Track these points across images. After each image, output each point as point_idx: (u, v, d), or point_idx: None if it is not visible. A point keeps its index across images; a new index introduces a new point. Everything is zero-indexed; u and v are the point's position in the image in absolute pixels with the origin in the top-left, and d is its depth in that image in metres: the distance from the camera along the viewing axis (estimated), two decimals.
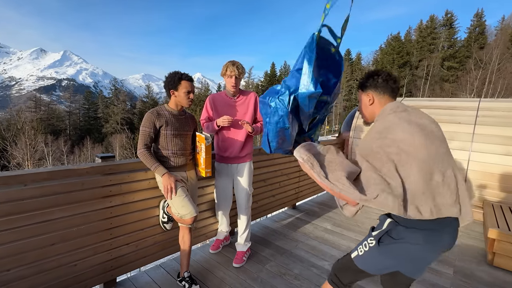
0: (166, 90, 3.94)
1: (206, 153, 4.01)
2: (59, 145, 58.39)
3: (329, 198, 8.52)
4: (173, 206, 3.82)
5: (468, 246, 5.84)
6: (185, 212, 3.76)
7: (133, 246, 4.02)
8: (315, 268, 4.72)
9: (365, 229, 6.39)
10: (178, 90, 3.85)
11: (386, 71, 2.66)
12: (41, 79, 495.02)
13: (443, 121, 7.51)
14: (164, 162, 3.90)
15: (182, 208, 3.77)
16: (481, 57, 70.78)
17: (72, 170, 3.34)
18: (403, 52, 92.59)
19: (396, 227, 2.41)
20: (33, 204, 3.05)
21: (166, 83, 3.88)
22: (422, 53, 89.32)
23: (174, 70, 3.93)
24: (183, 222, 3.89)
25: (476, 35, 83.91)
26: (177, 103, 3.96)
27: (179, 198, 3.76)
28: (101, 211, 3.63)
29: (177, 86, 3.83)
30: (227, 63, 4.49)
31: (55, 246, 3.26)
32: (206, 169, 4.08)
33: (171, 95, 3.91)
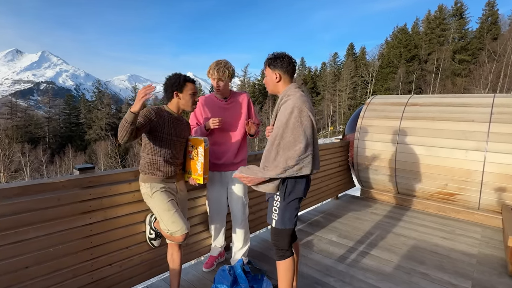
0: (168, 92, 3.88)
1: (205, 157, 3.96)
2: (37, 155, 58.43)
3: (334, 207, 8.47)
4: (162, 221, 3.74)
5: (487, 256, 5.78)
6: (176, 229, 3.68)
7: (117, 267, 3.94)
8: (319, 285, 4.66)
9: (374, 240, 6.33)
10: (183, 92, 3.84)
11: (289, 55, 3.68)
12: (17, 82, 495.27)
13: (455, 119, 7.58)
14: (152, 171, 3.81)
15: (173, 224, 3.69)
16: (495, 49, 71.10)
17: (47, 184, 3.27)
18: (411, 45, 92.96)
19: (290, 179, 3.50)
20: (4, 223, 2.97)
21: (169, 85, 3.83)
22: (431, 46, 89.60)
23: (175, 72, 3.92)
24: (173, 239, 3.81)
25: (488, 26, 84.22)
26: (179, 107, 3.93)
27: (169, 212, 3.70)
28: (80, 229, 3.55)
29: (182, 88, 3.82)
30: (211, 65, 4.50)
31: (29, 269, 3.16)
32: (204, 175, 4.02)
33: (172, 97, 3.87)
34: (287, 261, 3.58)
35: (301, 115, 3.35)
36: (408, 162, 8.09)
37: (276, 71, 3.64)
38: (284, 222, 3.54)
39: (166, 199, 3.75)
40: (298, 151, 3.34)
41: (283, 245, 3.58)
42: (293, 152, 3.34)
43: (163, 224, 3.75)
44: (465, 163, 7.25)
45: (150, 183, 3.80)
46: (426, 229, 6.94)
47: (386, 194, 9.04)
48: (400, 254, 5.74)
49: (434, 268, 5.24)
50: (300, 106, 3.37)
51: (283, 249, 3.59)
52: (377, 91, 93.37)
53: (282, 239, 3.58)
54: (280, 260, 3.60)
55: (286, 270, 3.58)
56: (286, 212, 3.54)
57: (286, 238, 3.58)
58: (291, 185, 3.50)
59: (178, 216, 3.73)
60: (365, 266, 5.24)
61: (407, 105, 8.55)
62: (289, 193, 3.51)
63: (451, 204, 7.86)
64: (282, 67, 3.61)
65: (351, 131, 9.45)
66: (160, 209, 3.75)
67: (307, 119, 3.37)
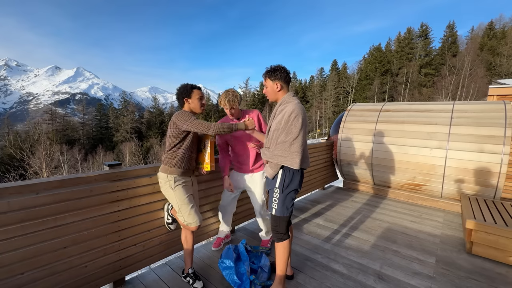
0: (180, 99, 3.97)
1: (211, 148, 4.01)
2: (73, 154, 58.22)
3: (321, 196, 8.50)
4: (180, 212, 3.83)
5: (449, 236, 5.80)
6: (191, 221, 3.82)
7: (140, 246, 3.97)
8: (309, 261, 4.66)
9: (355, 223, 6.35)
10: (191, 98, 3.91)
11: (284, 67, 3.73)
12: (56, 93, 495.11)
13: (421, 122, 7.64)
14: (180, 164, 3.83)
15: (189, 216, 3.81)
16: (454, 64, 71.39)
17: (81, 178, 3.31)
18: (384, 61, 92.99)
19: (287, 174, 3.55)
20: (45, 211, 3.01)
21: (180, 93, 3.93)
22: (402, 61, 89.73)
23: (183, 83, 3.98)
24: (188, 228, 3.90)
25: (449, 44, 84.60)
26: (191, 110, 3.97)
27: (187, 206, 3.79)
28: (110, 215, 3.60)
29: (190, 94, 3.90)
30: (221, 96, 4.46)
31: (67, 249, 3.21)
32: (211, 163, 4.03)
33: (184, 103, 3.94)
34: (284, 243, 3.64)
35: (297, 119, 3.40)
36: (383, 158, 8.11)
37: (276, 82, 3.71)
38: (283, 211, 3.61)
39: (186, 194, 3.81)
40: (289, 146, 3.43)
41: (281, 230, 3.63)
42: (286, 146, 3.43)
43: (181, 215, 3.83)
44: (430, 159, 7.28)
45: (174, 176, 3.80)
46: (397, 214, 6.96)
47: (364, 185, 9.06)
48: (376, 235, 5.75)
49: (404, 246, 5.26)
50: (298, 111, 3.42)
51: (281, 233, 3.64)
52: (357, 99, 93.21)
53: (280, 224, 3.63)
54: (279, 242, 3.66)
55: (283, 250, 3.65)
56: (284, 202, 3.60)
57: (284, 224, 3.64)
58: (289, 179, 3.56)
59: (194, 211, 3.81)
60: (347, 245, 5.25)
61: (381, 111, 8.56)
62: (287, 185, 3.56)
63: (419, 193, 7.88)
64: (281, 77, 3.68)
65: (335, 133, 9.45)
66: (180, 201, 3.80)
67: (301, 122, 3.41)
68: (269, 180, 3.79)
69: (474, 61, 68.42)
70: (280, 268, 3.67)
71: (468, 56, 68.67)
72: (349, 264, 4.60)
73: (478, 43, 77.40)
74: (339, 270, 4.43)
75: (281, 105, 3.67)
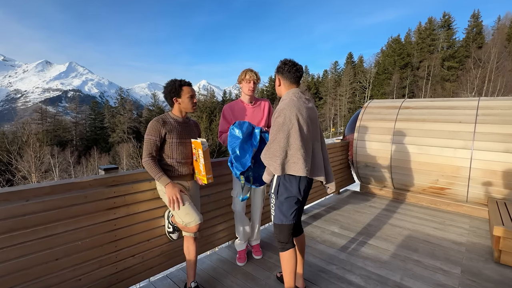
0: (168, 99, 3.88)
1: (205, 159, 3.87)
2: (65, 156, 58.33)
3: (336, 201, 8.46)
4: (176, 214, 3.75)
5: (475, 244, 5.77)
6: (190, 220, 3.71)
7: (139, 258, 3.96)
8: (323, 272, 4.65)
9: (373, 231, 6.32)
10: (181, 97, 3.82)
11: (293, 61, 3.70)
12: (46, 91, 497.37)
13: (444, 120, 7.61)
14: (168, 171, 3.80)
15: (186, 216, 3.71)
16: (480, 56, 71.04)
17: (74, 183, 3.29)
18: (404, 53, 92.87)
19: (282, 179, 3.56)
20: (35, 219, 2.99)
21: (167, 92, 3.83)
22: (423, 54, 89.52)
23: (170, 79, 3.92)
24: (188, 230, 3.82)
25: (474, 35, 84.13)
26: (181, 110, 3.92)
27: (183, 205, 3.70)
28: (105, 224, 3.58)
29: (179, 93, 3.80)
30: (245, 70, 4.61)
31: (59, 261, 3.19)
32: (207, 175, 3.93)
33: (174, 103, 3.86)
34: (287, 253, 3.62)
35: (278, 119, 3.43)
36: (403, 160, 8.08)
37: (278, 76, 3.76)
38: (280, 218, 3.63)
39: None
40: (267, 149, 3.50)
41: (283, 238, 3.64)
42: (272, 152, 3.45)
43: (178, 216, 3.75)
44: (454, 160, 7.25)
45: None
46: (419, 220, 6.93)
47: (383, 189, 9.04)
48: (396, 243, 5.73)
49: (426, 255, 5.23)
50: (280, 110, 3.45)
51: (283, 242, 3.65)
52: (374, 95, 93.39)
53: (281, 233, 3.65)
54: (282, 252, 3.66)
55: (287, 260, 3.63)
56: (281, 209, 3.61)
57: (285, 232, 3.64)
58: (284, 185, 3.56)
59: (191, 208, 3.73)
60: (364, 255, 5.23)
61: (400, 108, 8.55)
62: (281, 192, 3.58)
63: (442, 197, 7.86)
64: (283, 73, 3.68)
65: (350, 132, 9.46)
66: None
67: (282, 122, 3.41)
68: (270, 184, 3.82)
69: (501, 53, 68.04)
70: (287, 280, 3.66)
71: (495, 47, 68.31)
72: (366, 276, 4.58)
73: (505, 33, 76.70)
74: (356, 282, 4.42)
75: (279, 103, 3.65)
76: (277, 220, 3.64)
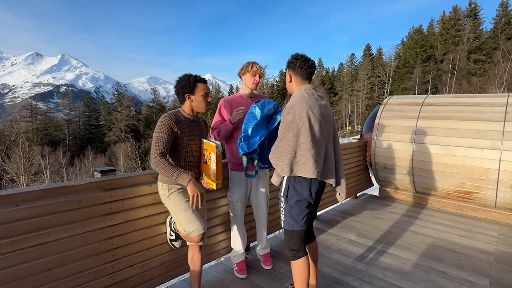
0: (180, 95, 3.86)
1: (217, 164, 3.82)
2: (57, 157, 58.48)
3: (353, 206, 8.45)
4: (178, 222, 3.72)
5: (504, 253, 5.75)
6: (192, 229, 3.66)
7: (138, 268, 3.94)
8: (339, 284, 4.64)
9: (393, 238, 6.31)
10: (195, 94, 3.80)
11: (305, 56, 3.73)
12: (37, 85, 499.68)
13: (470, 118, 7.56)
14: None
15: (189, 225, 3.66)
16: (509, 49, 70.85)
17: (68, 187, 3.27)
18: (427, 45, 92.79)
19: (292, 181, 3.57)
20: (26, 226, 2.97)
21: (180, 87, 3.79)
22: (447, 46, 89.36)
23: (184, 73, 3.86)
24: (190, 240, 3.77)
25: (502, 26, 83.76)
26: (193, 108, 3.90)
27: (186, 213, 3.68)
28: (102, 231, 3.55)
29: (193, 89, 3.78)
30: (250, 62, 4.60)
31: (52, 271, 3.17)
32: (217, 180, 3.89)
33: (185, 100, 3.85)
34: (299, 261, 3.60)
35: (287, 116, 3.46)
36: (425, 161, 8.06)
37: (289, 72, 3.78)
38: (291, 223, 3.61)
39: (183, 200, 3.72)
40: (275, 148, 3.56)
41: (294, 246, 3.63)
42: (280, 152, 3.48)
43: (180, 224, 3.72)
44: (481, 161, 7.21)
45: (168, 184, 3.76)
46: (444, 228, 6.91)
47: (404, 193, 9.02)
48: (418, 252, 5.72)
49: (452, 266, 5.21)
50: (290, 107, 3.47)
51: (294, 250, 3.64)
52: (394, 91, 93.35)
53: (291, 239, 3.64)
54: (293, 260, 3.65)
55: (299, 269, 3.60)
56: (291, 213, 3.60)
57: (296, 239, 3.63)
58: (294, 187, 3.56)
59: (195, 216, 3.69)
60: (384, 265, 5.22)
61: (423, 105, 8.52)
62: (291, 195, 3.57)
63: (468, 202, 7.83)
64: (294, 68, 3.70)
65: (368, 131, 9.44)
66: (176, 209, 3.72)
67: (291, 120, 3.43)
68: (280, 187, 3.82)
69: None
70: None
71: None
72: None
73: None
74: None
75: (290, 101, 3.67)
76: (287, 225, 3.63)
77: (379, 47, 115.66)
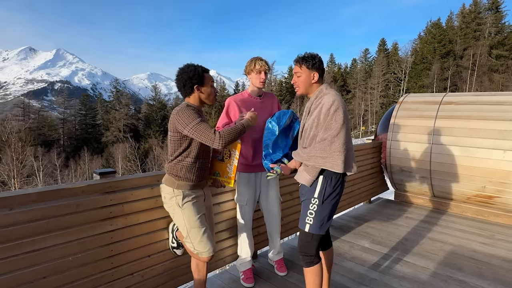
0: (187, 87, 3.66)
1: (238, 160, 3.93)
2: (51, 159, 58.50)
3: (367, 211, 8.45)
4: (189, 238, 3.68)
5: None
6: (203, 250, 3.68)
7: (139, 276, 3.94)
8: None
9: (409, 246, 6.30)
10: (205, 85, 3.70)
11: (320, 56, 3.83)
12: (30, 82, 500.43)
13: (492, 118, 7.50)
14: (190, 175, 3.69)
15: (200, 244, 3.66)
16: None
17: (65, 189, 3.29)
18: (445, 40, 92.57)
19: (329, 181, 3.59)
20: (20, 231, 2.98)
21: (188, 78, 3.61)
22: (467, 40, 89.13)
23: (187, 63, 3.73)
24: (198, 258, 3.79)
25: None
26: (201, 101, 3.78)
27: (198, 231, 3.66)
28: (100, 236, 3.56)
29: (203, 80, 3.67)
30: (253, 59, 4.59)
31: (47, 279, 3.18)
32: (235, 177, 3.99)
33: (193, 93, 3.69)
34: (316, 267, 3.60)
35: (338, 112, 3.46)
36: (444, 164, 8.03)
37: (314, 72, 3.76)
38: (318, 227, 3.56)
39: (196, 214, 3.68)
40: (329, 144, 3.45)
41: (312, 251, 3.61)
42: (326, 145, 3.45)
43: (190, 241, 3.69)
44: (503, 164, 7.18)
45: (182, 190, 3.67)
46: (463, 234, 6.90)
47: (421, 197, 9.01)
48: (436, 260, 5.71)
49: (472, 275, 5.20)
50: (338, 103, 3.50)
51: (311, 255, 3.61)
52: (411, 88, 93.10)
53: (312, 245, 3.60)
54: (308, 267, 3.62)
55: (315, 276, 3.60)
56: (322, 216, 3.57)
57: (316, 244, 3.61)
58: (331, 187, 3.57)
59: (207, 237, 3.69)
60: (400, 274, 5.22)
61: (441, 104, 8.49)
62: (327, 195, 3.56)
63: (490, 207, 7.81)
64: (320, 68, 3.76)
65: (383, 131, 9.43)
66: (189, 224, 3.65)
67: (343, 116, 3.47)
68: (304, 188, 3.76)
69: None
70: None
71: None
72: None
73: None
74: None
75: (318, 98, 3.72)
76: (314, 229, 3.57)
77: (394, 42, 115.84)
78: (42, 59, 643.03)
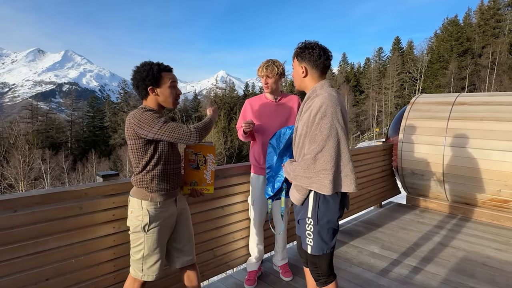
0: (141, 89, 3.39)
1: (214, 164, 3.86)
2: (59, 161, 58.53)
3: (377, 216, 8.45)
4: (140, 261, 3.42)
5: None
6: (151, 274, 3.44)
7: None
8: None
9: (420, 251, 6.30)
10: (161, 86, 3.40)
11: (321, 45, 3.39)
12: (38, 84, 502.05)
13: (508, 119, 7.43)
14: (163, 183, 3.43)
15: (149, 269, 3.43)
16: None
17: (68, 192, 3.33)
18: (463, 38, 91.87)
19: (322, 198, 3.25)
20: (24, 233, 3.03)
21: (140, 79, 3.35)
22: (486, 38, 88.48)
23: (144, 61, 3.46)
24: (135, 279, 3.50)
25: None
26: (159, 103, 3.49)
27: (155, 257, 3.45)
28: (103, 239, 3.60)
29: (158, 80, 3.38)
30: (261, 63, 4.64)
31: (50, 281, 3.22)
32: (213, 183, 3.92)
33: (148, 95, 3.41)
34: (332, 285, 3.41)
35: (324, 120, 3.07)
36: (457, 166, 8.01)
37: (302, 64, 3.41)
38: (321, 247, 3.32)
39: (158, 243, 3.42)
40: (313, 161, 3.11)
41: (324, 271, 3.38)
42: (309, 162, 3.12)
43: (140, 262, 3.40)
44: None
45: (154, 207, 3.36)
46: (477, 240, 6.88)
47: (434, 202, 8.97)
48: (448, 267, 5.70)
49: (485, 282, 5.19)
50: (325, 108, 3.08)
51: (324, 275, 3.40)
52: (427, 88, 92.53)
53: (323, 265, 3.37)
54: (324, 286, 3.41)
55: None
56: (322, 236, 3.31)
57: (325, 263, 3.37)
58: (325, 205, 3.25)
59: (159, 264, 3.46)
60: (409, 280, 5.22)
61: (454, 104, 8.46)
62: (322, 214, 3.25)
63: (506, 212, 7.78)
64: (311, 60, 3.35)
65: (395, 133, 9.40)
66: (148, 251, 3.37)
67: (329, 125, 3.06)
68: (297, 207, 3.54)
69: None
70: None
71: None
72: None
73: None
74: None
75: (309, 99, 3.37)
76: (317, 250, 3.30)
77: (409, 40, 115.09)
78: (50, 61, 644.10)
